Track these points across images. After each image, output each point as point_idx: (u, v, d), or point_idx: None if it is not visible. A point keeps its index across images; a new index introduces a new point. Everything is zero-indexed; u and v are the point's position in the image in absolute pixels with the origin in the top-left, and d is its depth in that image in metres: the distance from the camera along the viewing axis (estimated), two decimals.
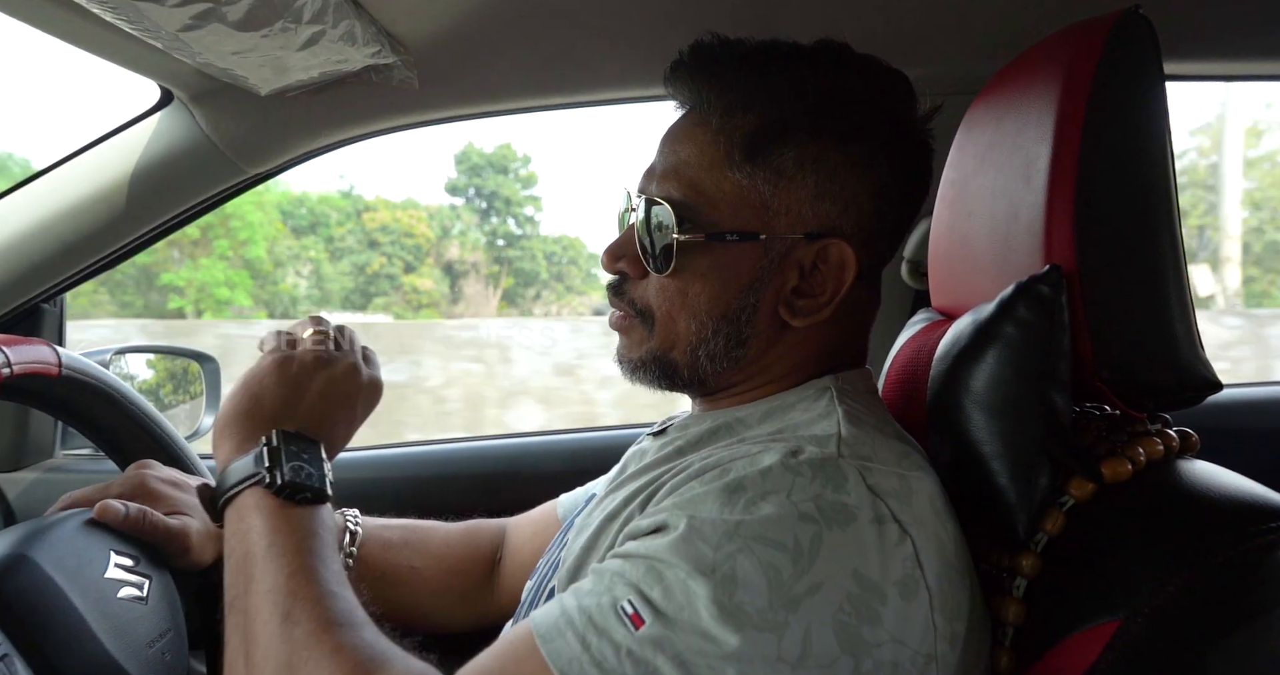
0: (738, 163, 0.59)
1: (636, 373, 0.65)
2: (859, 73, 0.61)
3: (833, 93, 0.59)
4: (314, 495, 0.58)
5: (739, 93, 0.59)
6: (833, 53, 0.61)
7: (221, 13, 0.72)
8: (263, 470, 0.58)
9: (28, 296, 1.06)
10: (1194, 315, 0.57)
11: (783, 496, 0.49)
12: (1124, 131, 0.55)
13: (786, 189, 0.59)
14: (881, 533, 0.50)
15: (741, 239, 0.59)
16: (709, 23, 0.95)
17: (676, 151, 0.62)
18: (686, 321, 0.61)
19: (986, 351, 0.56)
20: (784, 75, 0.59)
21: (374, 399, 0.68)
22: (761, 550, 0.47)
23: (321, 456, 0.61)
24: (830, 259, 0.60)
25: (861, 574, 0.48)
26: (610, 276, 0.66)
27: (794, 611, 0.46)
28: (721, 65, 0.60)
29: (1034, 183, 0.57)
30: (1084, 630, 0.50)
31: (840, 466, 0.52)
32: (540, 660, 0.47)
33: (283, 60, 0.84)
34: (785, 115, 0.59)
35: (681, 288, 0.61)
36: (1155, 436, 0.57)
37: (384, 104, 1.03)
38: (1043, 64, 0.62)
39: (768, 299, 0.61)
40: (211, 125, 1.00)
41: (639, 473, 0.63)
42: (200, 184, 1.05)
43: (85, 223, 1.03)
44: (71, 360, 0.76)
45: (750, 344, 0.61)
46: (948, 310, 0.75)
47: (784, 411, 0.60)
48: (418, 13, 0.89)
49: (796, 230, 0.59)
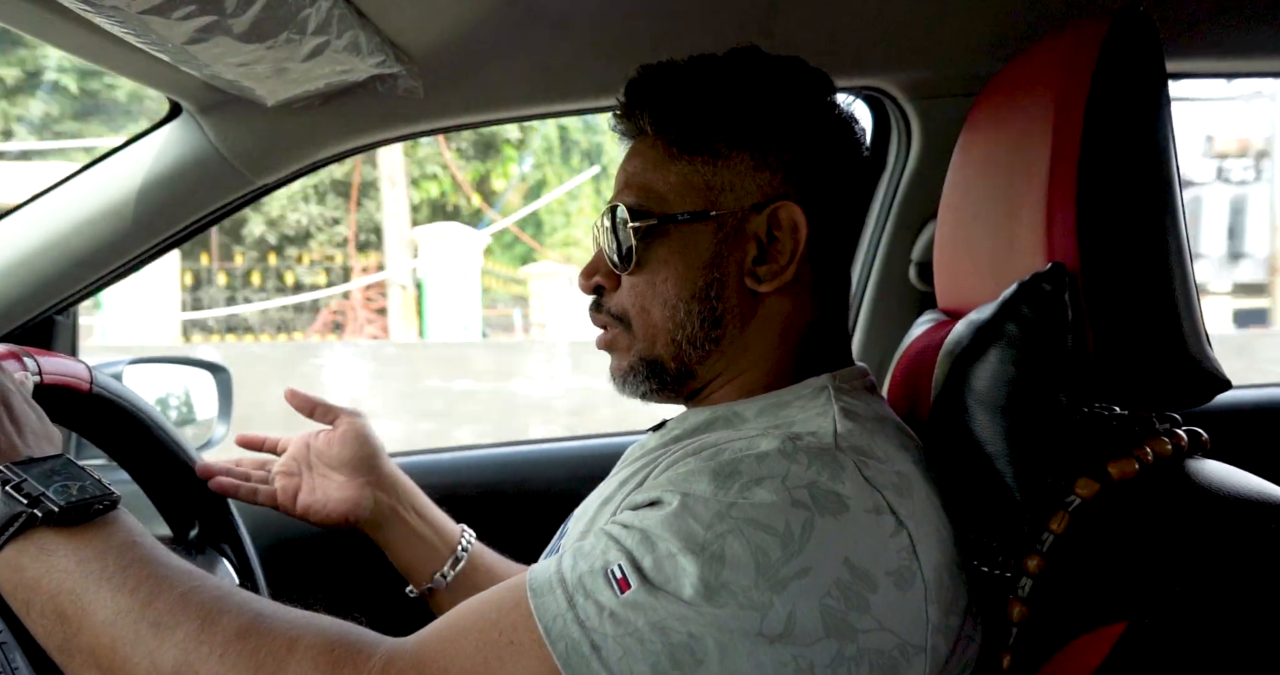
0: (676, 156, 0.64)
1: (627, 381, 0.66)
2: (767, 62, 0.65)
3: (746, 79, 0.64)
4: (106, 503, 0.53)
5: (666, 103, 0.65)
6: (744, 53, 0.66)
7: (227, 25, 0.73)
8: (23, 509, 0.50)
9: (42, 309, 1.07)
10: (1201, 312, 0.56)
11: (777, 482, 0.50)
12: (1125, 129, 0.55)
13: (725, 168, 0.63)
14: (878, 523, 0.50)
15: (693, 219, 0.63)
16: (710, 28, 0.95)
17: (626, 168, 0.67)
18: (660, 310, 0.64)
19: (989, 350, 0.56)
20: (703, 77, 0.65)
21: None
22: (752, 533, 0.48)
23: (74, 463, 0.54)
24: (782, 224, 0.62)
25: (853, 562, 0.48)
26: (589, 299, 0.69)
27: (779, 592, 0.47)
28: (648, 88, 0.66)
29: (1036, 181, 0.57)
30: (1090, 632, 0.49)
31: (837, 457, 0.52)
32: (526, 611, 0.49)
33: (288, 71, 0.85)
34: (709, 106, 0.63)
35: (649, 279, 0.64)
36: (1163, 436, 0.56)
37: (389, 113, 1.04)
38: (1043, 63, 0.62)
39: (732, 273, 0.63)
40: (219, 137, 1.01)
41: (636, 459, 0.65)
42: (209, 195, 1.06)
43: (98, 235, 1.04)
44: (103, 378, 0.77)
45: (726, 322, 0.63)
46: (953, 311, 0.75)
47: (780, 408, 0.61)
48: (422, 23, 0.89)
49: (744, 202, 0.63)
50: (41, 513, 0.50)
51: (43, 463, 0.53)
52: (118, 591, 0.49)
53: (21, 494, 0.50)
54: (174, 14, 0.68)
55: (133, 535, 0.52)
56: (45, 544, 0.50)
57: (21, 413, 0.57)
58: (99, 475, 0.54)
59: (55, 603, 0.49)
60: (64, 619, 0.49)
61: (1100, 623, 0.49)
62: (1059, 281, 0.54)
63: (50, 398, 0.71)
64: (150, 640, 0.48)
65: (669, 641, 0.47)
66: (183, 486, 0.84)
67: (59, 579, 0.49)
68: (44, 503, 0.50)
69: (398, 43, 0.91)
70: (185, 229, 1.08)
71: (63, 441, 0.60)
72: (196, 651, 0.47)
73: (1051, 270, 0.54)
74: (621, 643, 0.47)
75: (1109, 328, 0.54)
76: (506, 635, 0.49)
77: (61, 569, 0.49)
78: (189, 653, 0.47)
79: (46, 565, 0.50)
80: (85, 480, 0.53)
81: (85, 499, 0.51)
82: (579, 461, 1.22)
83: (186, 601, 0.49)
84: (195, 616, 0.48)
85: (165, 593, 0.49)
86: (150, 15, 0.67)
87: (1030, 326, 0.54)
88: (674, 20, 0.93)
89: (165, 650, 0.47)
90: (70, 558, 0.50)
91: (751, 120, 0.63)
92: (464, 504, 1.17)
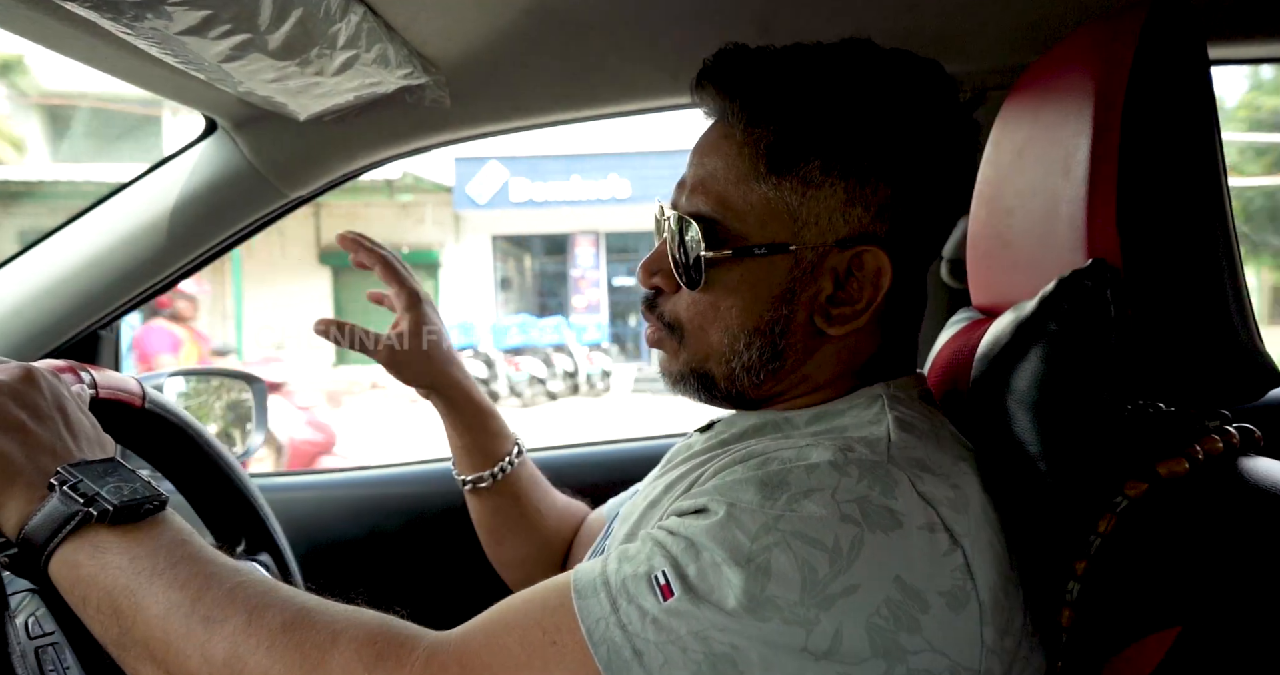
0: (764, 175, 0.59)
1: (677, 385, 0.65)
2: (885, 69, 0.59)
3: (857, 94, 0.58)
4: (156, 504, 0.53)
5: (761, 103, 0.59)
6: (856, 51, 0.60)
7: (261, 42, 0.74)
8: (79, 508, 0.51)
9: (86, 324, 1.10)
10: (1250, 305, 0.55)
11: (827, 495, 0.49)
12: (1167, 119, 0.54)
13: (815, 198, 0.58)
14: (931, 540, 0.49)
15: (770, 252, 0.59)
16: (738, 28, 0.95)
17: (704, 164, 0.62)
18: (719, 335, 0.61)
19: (1029, 349, 0.55)
20: (806, 82, 0.58)
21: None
22: (799, 547, 0.47)
23: (124, 465, 0.55)
24: (865, 267, 0.58)
25: (904, 580, 0.47)
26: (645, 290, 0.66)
27: (826, 609, 0.46)
28: (744, 75, 0.60)
29: (1074, 175, 0.56)
30: (1144, 637, 0.48)
31: (891, 471, 0.51)
32: (570, 612, 0.49)
33: (319, 85, 0.86)
34: (809, 124, 0.58)
35: (713, 302, 0.61)
36: (1214, 433, 0.55)
37: (417, 123, 1.05)
38: (1079, 53, 0.61)
39: (801, 309, 0.60)
40: (254, 151, 1.03)
41: (683, 462, 0.63)
42: (244, 209, 1.08)
43: (139, 250, 1.07)
44: (153, 393, 0.79)
45: (787, 356, 0.61)
46: (988, 309, 0.74)
47: (833, 417, 0.60)
48: (448, 33, 0.90)
49: (827, 239, 0.58)
50: (96, 511, 0.51)
51: (96, 465, 0.54)
52: (169, 587, 0.50)
53: (78, 493, 0.51)
54: (210, 33, 0.70)
55: (181, 534, 0.54)
56: (100, 542, 0.51)
57: (77, 420, 0.58)
58: (145, 476, 0.55)
59: (110, 598, 0.51)
60: (119, 614, 0.50)
61: (1153, 627, 0.47)
62: (1101, 277, 0.52)
63: (103, 412, 0.72)
64: (201, 633, 0.49)
65: (711, 651, 0.46)
66: (228, 500, 0.86)
67: (113, 575, 0.51)
68: (99, 502, 0.51)
69: (424, 54, 0.92)
70: (221, 243, 1.11)
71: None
72: (245, 643, 0.49)
73: (1093, 266, 0.53)
74: (663, 650, 0.46)
75: (1154, 323, 0.53)
76: (550, 635, 0.49)
77: (115, 566, 0.51)
78: (238, 645, 0.49)
79: (101, 562, 0.51)
80: (136, 482, 0.54)
81: (137, 499, 0.53)
82: (616, 464, 1.23)
83: (234, 596, 0.50)
84: (243, 610, 0.50)
85: (214, 588, 0.50)
86: (188, 36, 0.69)
87: (1072, 324, 0.53)
88: (697, 21, 0.93)
89: (215, 643, 0.49)
90: (123, 555, 0.51)
91: (854, 145, 0.57)
92: None
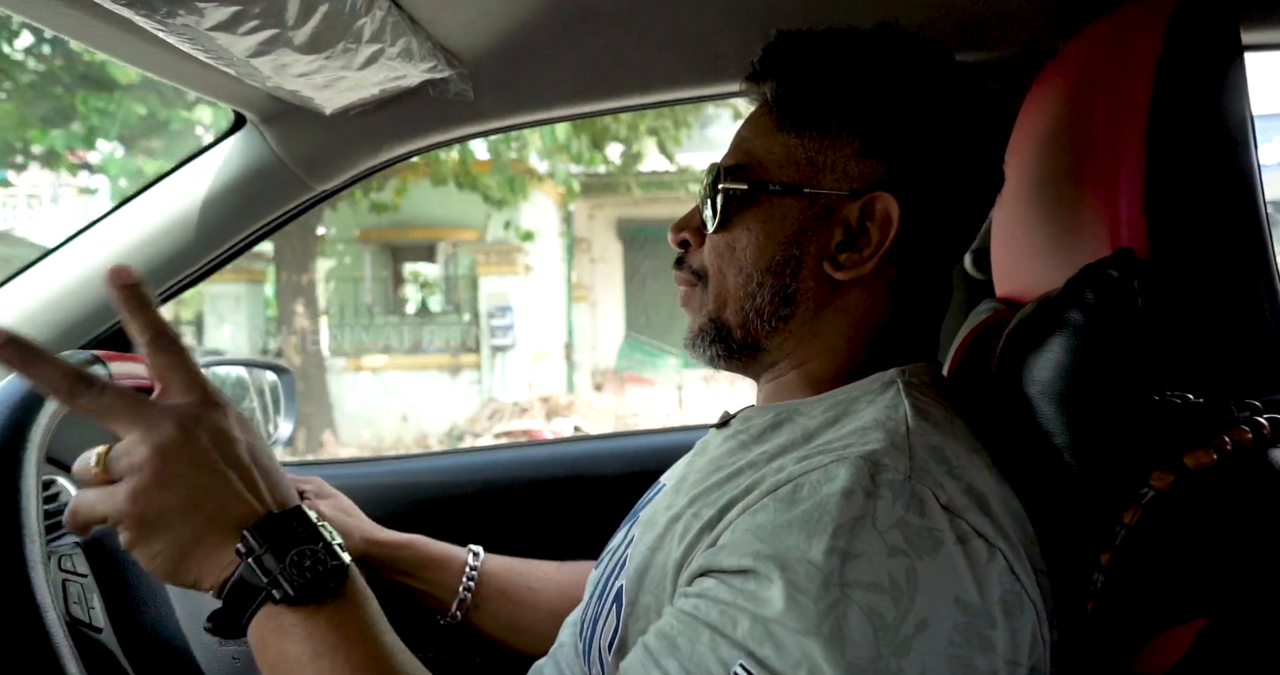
0: (786, 127, 0.63)
1: (697, 344, 0.67)
2: (904, 50, 0.63)
3: (874, 63, 0.62)
4: (337, 580, 0.52)
5: (789, 73, 0.64)
6: (886, 33, 0.64)
7: (288, 37, 0.75)
8: (263, 586, 0.50)
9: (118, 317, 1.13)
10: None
11: (868, 525, 0.48)
12: (1196, 106, 0.53)
13: (830, 147, 0.62)
14: (969, 552, 0.48)
15: (785, 192, 0.62)
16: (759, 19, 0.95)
17: (739, 133, 0.67)
18: (734, 275, 0.64)
19: (1053, 340, 0.54)
20: (831, 51, 0.63)
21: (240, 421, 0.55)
22: (861, 596, 0.46)
23: (311, 520, 0.53)
24: (875, 215, 0.60)
25: (964, 600, 0.47)
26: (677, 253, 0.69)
27: (905, 655, 0.45)
28: (776, 56, 0.65)
29: (1100, 164, 0.55)
30: (1168, 629, 0.47)
31: (916, 490, 0.50)
32: None
33: (345, 79, 0.87)
34: (828, 82, 0.62)
35: (730, 242, 0.64)
36: (1244, 424, 0.54)
37: (442, 116, 1.06)
38: (1105, 41, 0.60)
39: (812, 254, 0.62)
40: (282, 145, 1.05)
41: (705, 466, 0.63)
42: (272, 203, 1.10)
43: (170, 244, 1.09)
44: None
45: (798, 302, 0.62)
46: (1011, 299, 0.73)
47: (847, 404, 0.60)
48: (471, 26, 0.91)
49: (841, 187, 0.61)
50: (279, 595, 0.50)
51: (281, 525, 0.52)
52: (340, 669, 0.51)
53: (262, 569, 0.50)
54: (239, 29, 0.71)
55: (357, 611, 0.53)
56: (282, 622, 0.51)
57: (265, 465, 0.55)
58: (331, 532, 0.54)
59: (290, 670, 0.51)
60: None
61: (1179, 619, 0.47)
62: (1127, 267, 0.52)
63: None
64: None
65: None
66: None
67: (294, 660, 0.51)
68: (281, 585, 0.50)
69: (448, 47, 0.93)
70: (249, 236, 1.13)
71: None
72: None
73: (1118, 255, 0.52)
74: None
75: (1182, 312, 0.52)
76: None
77: (296, 654, 0.51)
78: None
79: (281, 647, 0.51)
80: (318, 544, 0.52)
81: (317, 578, 0.51)
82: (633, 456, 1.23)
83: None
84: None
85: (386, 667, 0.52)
86: (217, 31, 0.70)
87: (1097, 314, 0.52)
88: (720, 12, 0.93)
89: None
90: (304, 644, 0.51)
91: (868, 104, 0.61)
92: (517, 498, 1.19)
